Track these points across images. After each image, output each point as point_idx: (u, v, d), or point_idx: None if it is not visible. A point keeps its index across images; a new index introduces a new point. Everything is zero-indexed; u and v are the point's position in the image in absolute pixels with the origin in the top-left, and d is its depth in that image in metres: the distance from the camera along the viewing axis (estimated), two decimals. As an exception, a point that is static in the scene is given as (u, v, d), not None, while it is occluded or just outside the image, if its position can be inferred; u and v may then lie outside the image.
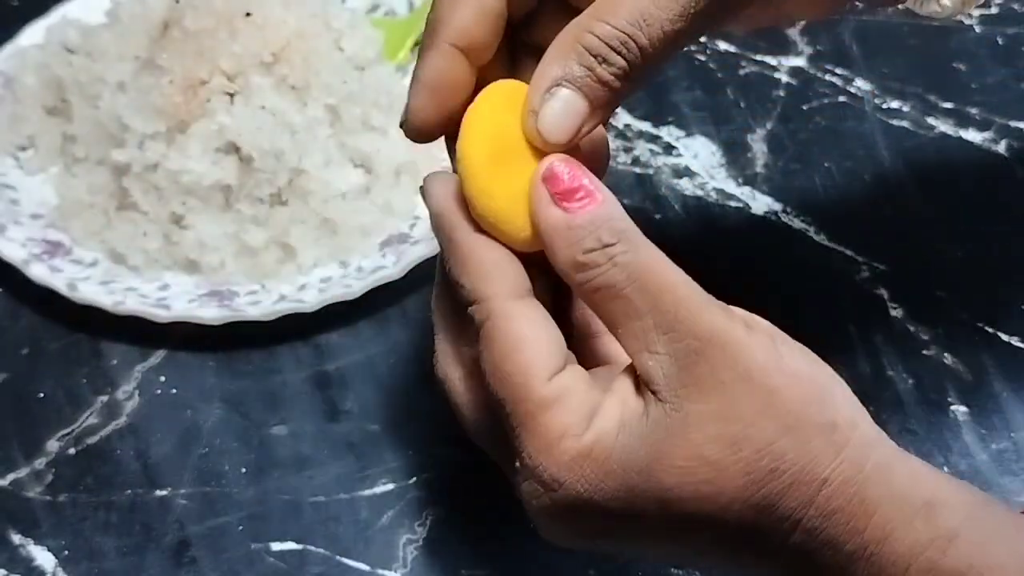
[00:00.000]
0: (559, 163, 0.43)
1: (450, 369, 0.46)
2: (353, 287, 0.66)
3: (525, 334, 0.43)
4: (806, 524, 0.41)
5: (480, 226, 0.45)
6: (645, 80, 0.44)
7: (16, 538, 0.59)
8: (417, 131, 0.46)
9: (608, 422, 0.42)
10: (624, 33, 0.43)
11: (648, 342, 0.42)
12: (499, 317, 0.43)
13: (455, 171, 0.45)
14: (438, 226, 0.45)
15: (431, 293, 0.62)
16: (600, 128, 0.46)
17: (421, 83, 0.45)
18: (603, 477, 0.42)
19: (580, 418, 0.42)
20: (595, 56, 0.43)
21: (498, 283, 0.43)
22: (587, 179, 0.43)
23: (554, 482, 0.43)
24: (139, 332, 0.66)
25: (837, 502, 0.41)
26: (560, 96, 0.43)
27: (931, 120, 0.76)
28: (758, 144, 0.75)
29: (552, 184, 0.43)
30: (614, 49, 0.43)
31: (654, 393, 0.42)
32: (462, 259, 0.44)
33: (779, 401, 0.41)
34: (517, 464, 0.44)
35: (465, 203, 0.45)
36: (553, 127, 0.43)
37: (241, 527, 0.60)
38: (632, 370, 0.43)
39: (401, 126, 0.47)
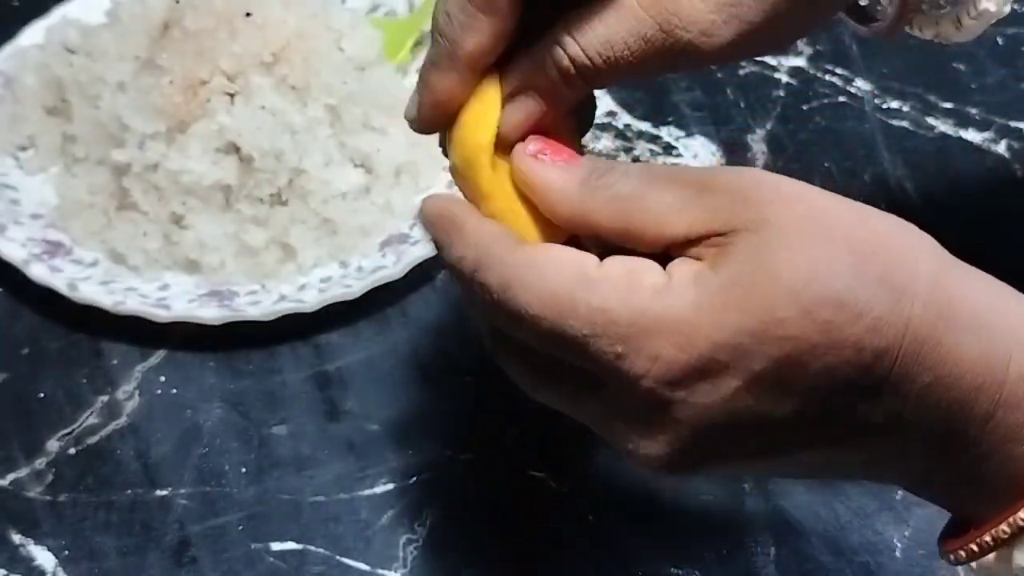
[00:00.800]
0: (537, 140, 0.45)
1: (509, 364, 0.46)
2: (353, 287, 0.66)
3: (545, 249, 0.43)
4: (921, 297, 0.41)
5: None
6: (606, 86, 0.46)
7: (16, 538, 0.59)
8: (424, 132, 0.48)
9: (689, 266, 0.42)
10: (587, 56, 0.44)
11: (696, 204, 0.42)
12: (513, 256, 0.43)
13: (447, 157, 0.46)
14: (437, 225, 0.46)
15: (431, 293, 0.63)
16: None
17: (434, 98, 0.46)
18: (723, 303, 0.40)
19: (660, 275, 0.42)
20: (560, 70, 0.44)
21: (499, 239, 0.44)
22: (566, 151, 0.45)
23: (673, 340, 0.40)
24: (139, 332, 0.66)
25: (938, 272, 0.42)
26: (521, 104, 0.45)
27: (931, 120, 0.76)
28: (758, 144, 0.75)
29: (540, 152, 0.45)
30: (577, 67, 0.44)
31: (725, 236, 0.41)
32: (464, 233, 0.44)
33: (841, 201, 0.43)
34: (618, 374, 0.41)
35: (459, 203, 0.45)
36: (514, 132, 0.45)
37: (241, 527, 0.60)
38: (685, 261, 0.43)
39: (407, 119, 0.48)
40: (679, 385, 0.41)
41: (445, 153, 0.47)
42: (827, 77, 0.78)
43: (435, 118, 0.46)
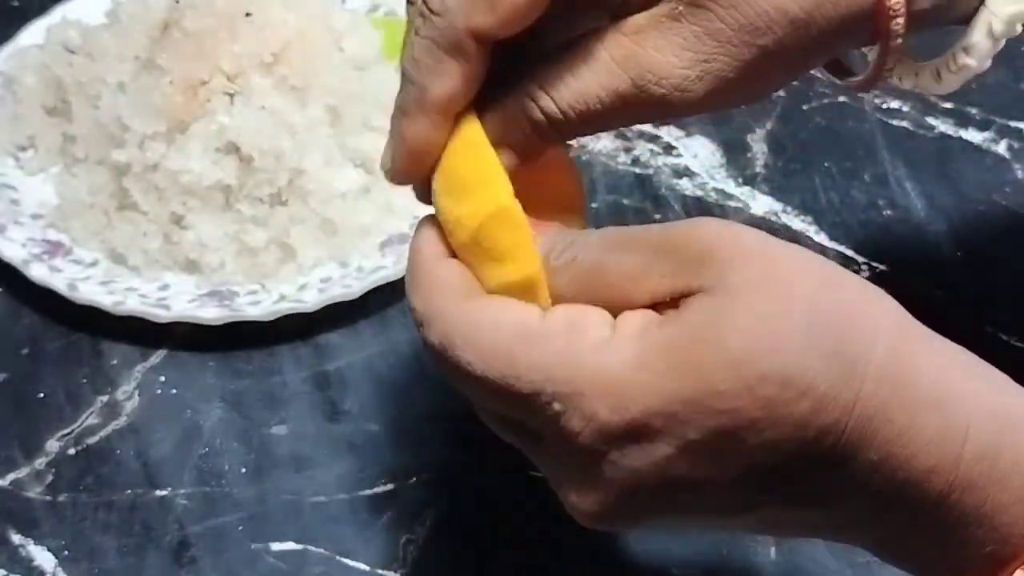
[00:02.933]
0: None
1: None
2: (353, 287, 0.66)
3: (488, 305, 0.43)
4: (873, 371, 0.39)
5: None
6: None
7: (16, 538, 0.59)
8: (399, 183, 0.47)
9: (636, 320, 0.41)
10: (559, 110, 0.44)
11: (655, 269, 0.41)
12: (457, 313, 0.43)
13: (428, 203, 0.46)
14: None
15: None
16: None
17: (407, 147, 0.45)
18: (662, 366, 0.39)
19: (604, 326, 0.41)
20: (532, 123, 0.44)
21: (446, 292, 0.44)
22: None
23: (607, 403, 0.40)
24: (139, 332, 0.66)
25: (897, 345, 0.40)
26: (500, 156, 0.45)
27: (931, 120, 0.76)
28: (758, 144, 0.75)
29: None
30: (550, 120, 0.44)
31: (686, 297, 0.41)
32: (416, 283, 0.45)
33: (807, 262, 0.41)
34: (556, 430, 0.41)
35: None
36: None
37: (241, 527, 0.60)
38: (635, 314, 0.42)
39: (383, 169, 0.47)
40: (611, 447, 0.40)
41: (423, 199, 0.47)
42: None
43: (411, 168, 0.46)
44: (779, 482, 0.41)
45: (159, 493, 0.61)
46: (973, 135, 0.75)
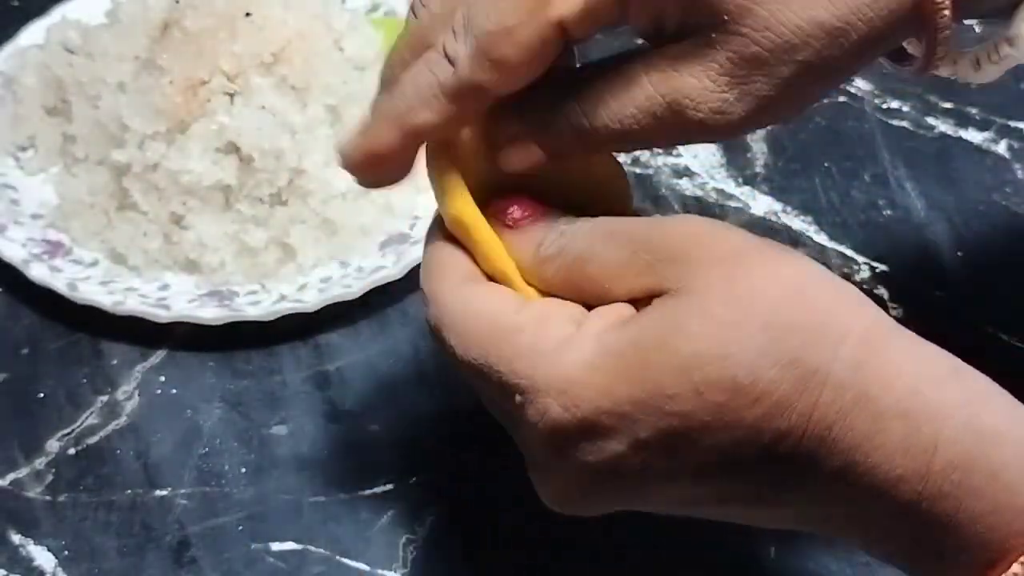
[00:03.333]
0: (505, 203, 0.46)
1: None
2: (353, 287, 0.66)
3: (476, 292, 0.44)
4: (835, 379, 0.39)
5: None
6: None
7: (16, 538, 0.59)
8: (348, 171, 0.48)
9: (601, 319, 0.42)
10: (593, 128, 0.45)
11: (632, 266, 0.42)
12: (449, 297, 0.44)
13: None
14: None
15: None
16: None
17: (368, 149, 0.47)
18: (615, 367, 0.40)
19: (570, 323, 0.42)
20: (566, 137, 0.45)
21: (445, 275, 0.45)
22: (531, 207, 0.46)
23: (560, 400, 0.41)
24: (139, 332, 0.66)
25: (863, 354, 0.40)
26: (525, 152, 0.46)
27: (931, 120, 0.76)
28: (758, 144, 0.75)
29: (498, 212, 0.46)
30: (583, 137, 0.45)
31: (653, 298, 0.41)
32: (424, 267, 0.46)
33: (780, 267, 0.41)
34: (520, 418, 0.42)
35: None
36: (508, 166, 0.46)
37: (241, 527, 0.60)
38: (605, 311, 0.43)
39: (336, 151, 0.48)
40: (565, 442, 0.41)
41: (365, 186, 0.50)
42: (827, 77, 0.78)
43: (364, 167, 0.47)
44: (740, 481, 0.41)
45: (159, 493, 0.61)
46: (973, 135, 0.75)
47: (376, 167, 0.47)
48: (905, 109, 0.77)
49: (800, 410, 0.39)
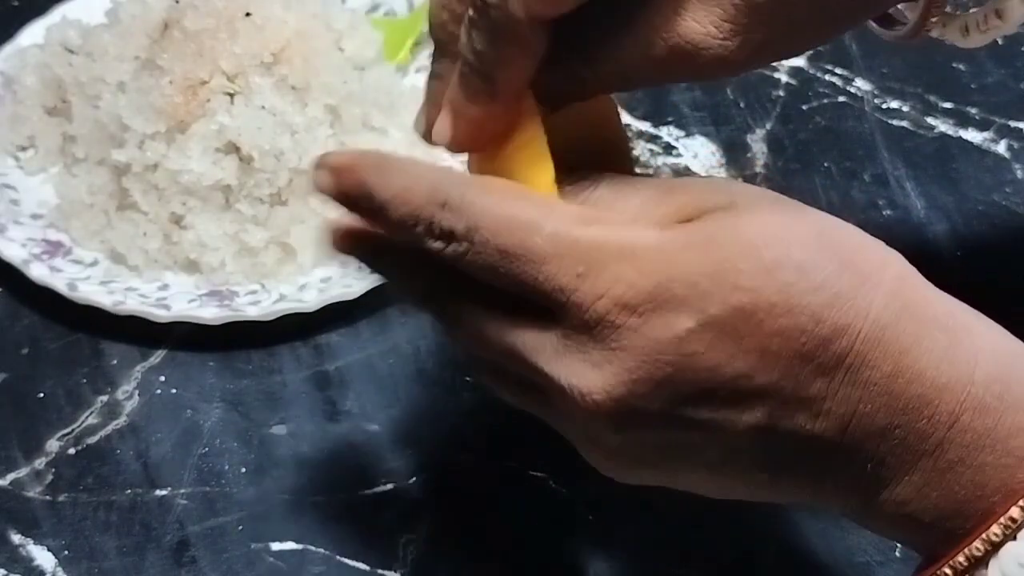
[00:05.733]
0: None
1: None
2: (353, 287, 0.66)
3: (512, 185, 0.43)
4: (886, 287, 0.41)
5: None
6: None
7: (16, 538, 0.59)
8: (449, 150, 0.48)
9: (655, 222, 0.42)
10: (595, 74, 0.45)
11: (661, 206, 0.42)
12: (475, 192, 0.43)
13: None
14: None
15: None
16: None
17: (467, 128, 0.46)
18: (685, 243, 0.41)
19: (621, 224, 0.42)
20: (568, 83, 0.45)
21: (455, 175, 0.44)
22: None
23: (634, 265, 0.40)
24: (139, 332, 0.66)
25: (905, 276, 0.42)
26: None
27: (931, 120, 0.76)
28: (758, 144, 0.75)
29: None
30: (585, 82, 0.45)
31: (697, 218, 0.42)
32: (402, 172, 0.44)
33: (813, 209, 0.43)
34: (572, 307, 0.41)
35: None
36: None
37: (241, 527, 0.60)
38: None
39: (438, 141, 0.47)
40: (635, 311, 0.40)
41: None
42: (827, 77, 0.78)
43: (465, 144, 0.46)
44: (791, 385, 0.40)
45: (159, 493, 0.61)
46: (973, 135, 0.75)
47: (475, 141, 0.46)
48: (905, 109, 0.77)
49: (857, 308, 0.40)
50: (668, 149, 0.75)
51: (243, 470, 0.62)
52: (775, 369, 0.40)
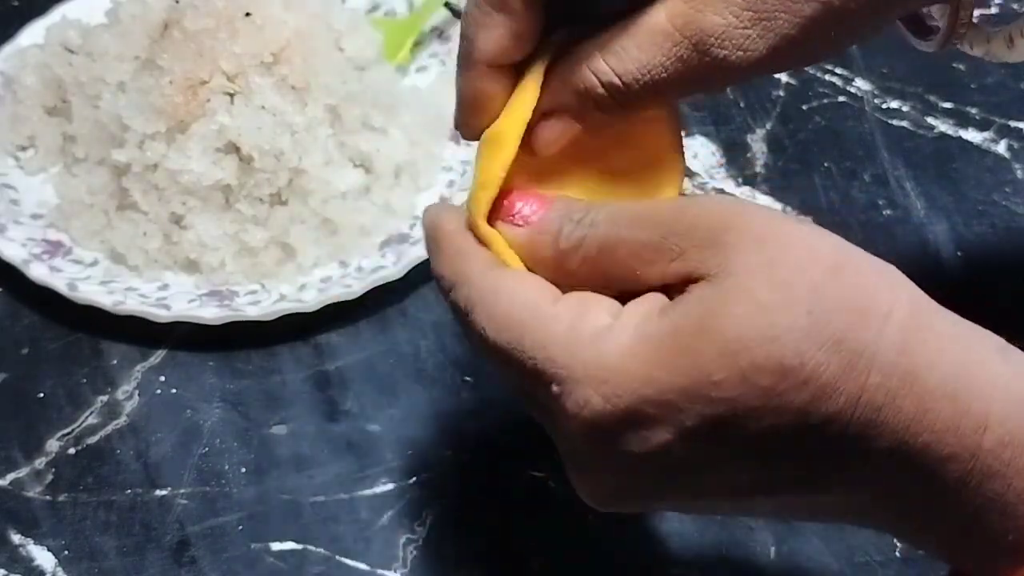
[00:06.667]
0: (512, 199, 0.46)
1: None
2: (353, 287, 0.66)
3: (510, 275, 0.44)
4: (881, 360, 0.39)
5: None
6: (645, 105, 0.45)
7: (16, 538, 0.59)
8: (469, 137, 0.48)
9: (640, 308, 0.41)
10: (623, 83, 0.44)
11: (665, 251, 0.41)
12: (480, 279, 0.44)
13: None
14: (428, 237, 0.47)
15: (431, 293, 0.62)
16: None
17: (463, 101, 0.46)
18: (656, 355, 0.40)
19: (607, 315, 0.42)
20: (595, 98, 0.45)
21: (473, 259, 0.45)
22: (538, 199, 0.46)
23: (601, 391, 0.40)
24: (139, 332, 0.66)
25: (908, 334, 0.39)
26: (553, 124, 0.46)
27: (931, 120, 0.76)
28: (758, 144, 0.75)
29: (506, 215, 0.46)
30: (612, 92, 0.44)
31: (693, 283, 0.41)
32: (442, 251, 0.46)
33: (816, 245, 0.41)
34: (558, 410, 0.41)
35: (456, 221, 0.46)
36: (547, 149, 0.46)
37: (241, 527, 0.60)
38: (641, 301, 0.42)
39: (456, 128, 0.48)
40: (608, 434, 0.41)
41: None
42: (827, 77, 0.78)
43: (468, 120, 0.47)
44: (790, 467, 0.40)
45: (159, 493, 0.61)
46: (973, 135, 0.75)
47: (476, 116, 0.46)
48: (905, 109, 0.77)
49: (848, 393, 0.39)
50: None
51: (243, 470, 0.62)
52: (766, 460, 0.40)
